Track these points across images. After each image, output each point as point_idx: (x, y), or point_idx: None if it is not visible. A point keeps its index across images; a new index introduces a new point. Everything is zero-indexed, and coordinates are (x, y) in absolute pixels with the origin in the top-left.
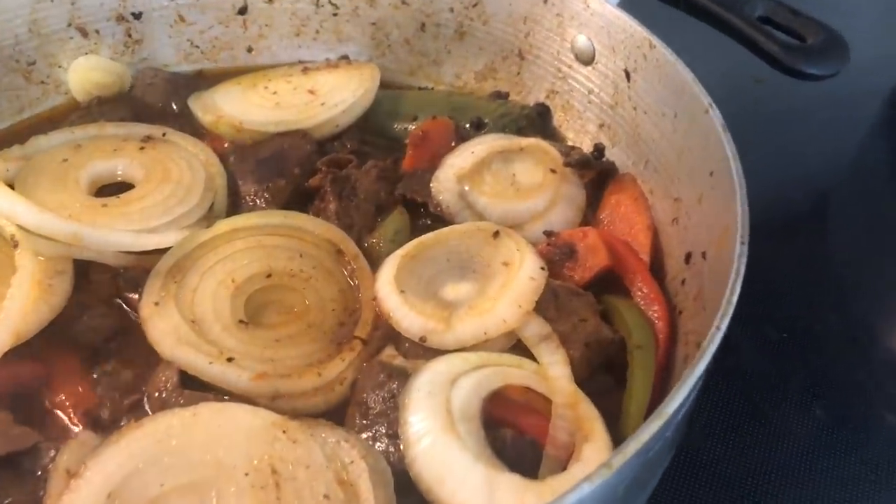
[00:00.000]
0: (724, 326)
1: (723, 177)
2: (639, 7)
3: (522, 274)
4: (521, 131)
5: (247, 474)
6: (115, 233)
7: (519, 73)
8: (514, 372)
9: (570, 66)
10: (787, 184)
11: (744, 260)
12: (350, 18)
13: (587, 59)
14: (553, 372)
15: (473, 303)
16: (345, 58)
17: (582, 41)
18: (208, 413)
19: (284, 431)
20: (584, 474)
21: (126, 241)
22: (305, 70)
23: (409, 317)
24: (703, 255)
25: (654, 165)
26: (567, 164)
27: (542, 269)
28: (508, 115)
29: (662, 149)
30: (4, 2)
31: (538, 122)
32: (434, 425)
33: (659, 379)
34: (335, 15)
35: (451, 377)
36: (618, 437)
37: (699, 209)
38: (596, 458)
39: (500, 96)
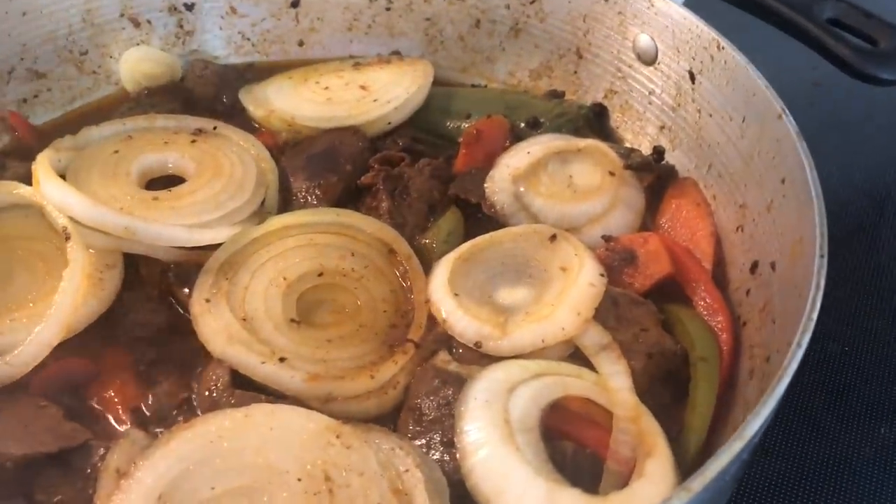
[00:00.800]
0: (804, 343)
1: (796, 185)
2: (696, 8)
3: (582, 280)
4: (577, 132)
5: (299, 480)
6: (168, 227)
7: (576, 72)
8: (574, 382)
9: (630, 66)
10: (846, 189)
11: (823, 273)
12: (403, 13)
13: (649, 59)
14: (614, 383)
15: (531, 309)
16: (396, 53)
17: (644, 40)
18: (261, 415)
19: (338, 436)
20: (649, 491)
21: (179, 237)
22: (357, 65)
23: (463, 321)
24: (773, 265)
25: (718, 170)
26: (627, 167)
27: (602, 275)
28: (565, 115)
29: (728, 153)
30: None
31: (595, 122)
32: (492, 436)
33: (721, 393)
34: (388, 9)
35: (509, 386)
36: (679, 453)
37: (768, 217)
38: (659, 474)
39: (556, 95)
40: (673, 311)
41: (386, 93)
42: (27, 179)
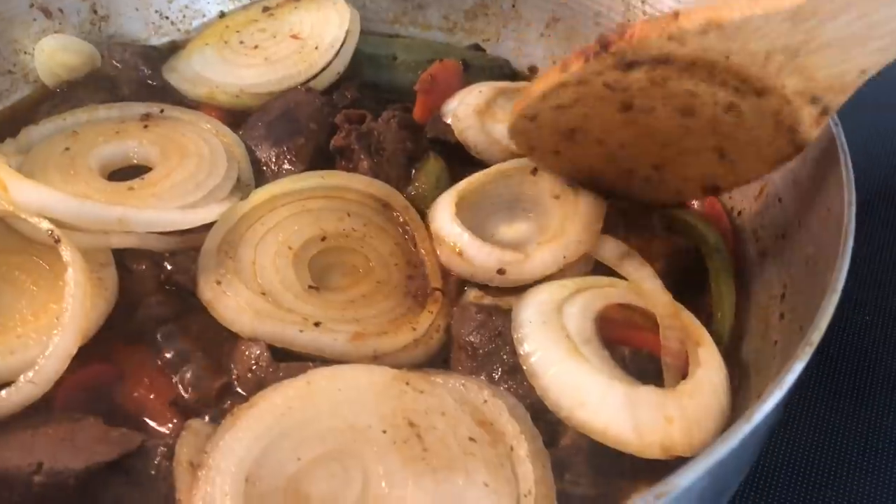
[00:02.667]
0: (853, 197)
1: None
2: None
3: (585, 198)
4: (506, 78)
5: (384, 431)
6: (161, 213)
7: (514, 6)
8: (612, 291)
9: None
10: (868, 158)
11: (843, 138)
12: None
13: None
14: (646, 285)
15: (540, 238)
16: None
17: None
18: (323, 379)
19: (408, 383)
20: (711, 375)
21: (174, 220)
22: (266, 10)
23: (484, 250)
24: None
25: None
26: None
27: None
28: (493, 62)
29: None
30: None
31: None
32: (558, 352)
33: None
34: None
35: (556, 305)
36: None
37: None
38: (713, 359)
39: (479, 48)
40: (674, 213)
41: (321, 37)
42: None
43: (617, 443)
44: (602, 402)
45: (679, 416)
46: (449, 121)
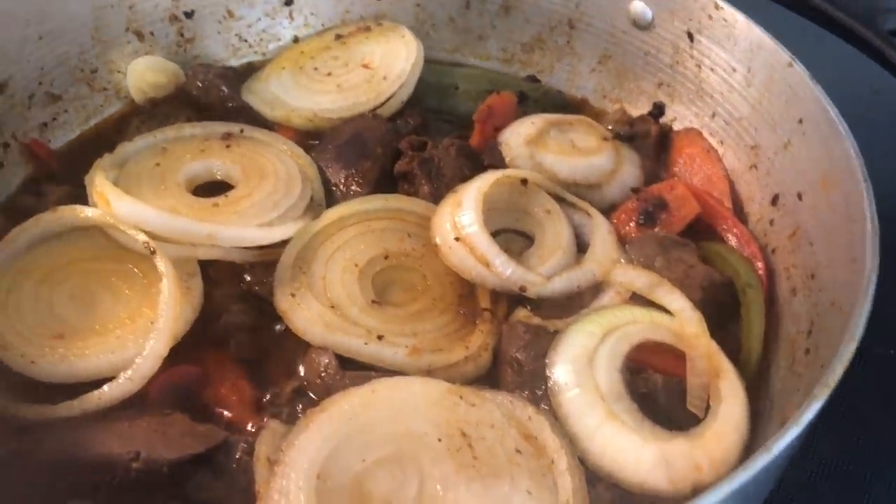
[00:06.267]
0: (877, 250)
1: (818, 123)
2: (757, 11)
3: (602, 229)
4: (561, 110)
5: (439, 439)
6: (245, 230)
7: (568, 42)
8: (634, 329)
9: (624, 32)
10: None
11: (872, 195)
12: (394, 1)
13: (644, 25)
14: (676, 306)
15: (540, 251)
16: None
17: (638, 7)
18: (385, 389)
19: (461, 397)
20: (732, 411)
21: (257, 236)
22: (339, 38)
23: (510, 266)
24: (799, 195)
25: (724, 118)
26: (616, 137)
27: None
28: (547, 95)
29: (733, 101)
30: (70, 12)
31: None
32: (595, 419)
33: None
34: None
35: (588, 357)
36: (741, 368)
37: (785, 154)
38: (733, 392)
39: (534, 80)
40: (709, 247)
41: (390, 68)
42: (68, 202)
43: (653, 494)
44: (638, 463)
45: (708, 462)
46: (502, 149)
